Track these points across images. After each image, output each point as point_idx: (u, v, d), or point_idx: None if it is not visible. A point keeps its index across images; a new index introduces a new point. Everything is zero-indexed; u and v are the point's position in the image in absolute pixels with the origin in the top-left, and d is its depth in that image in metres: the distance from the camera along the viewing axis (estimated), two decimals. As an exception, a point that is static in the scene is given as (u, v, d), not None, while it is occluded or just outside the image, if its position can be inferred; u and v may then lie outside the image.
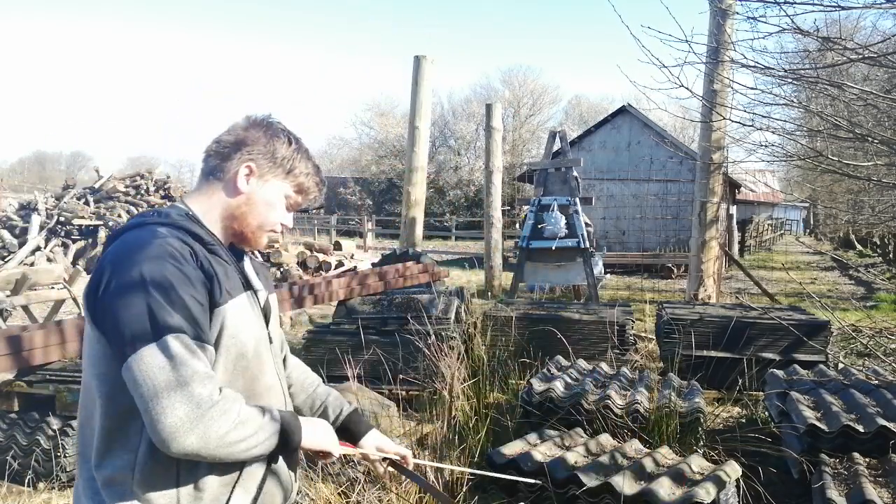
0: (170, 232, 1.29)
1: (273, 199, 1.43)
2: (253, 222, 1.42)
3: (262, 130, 1.42)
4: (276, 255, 13.14)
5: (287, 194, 1.45)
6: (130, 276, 1.20)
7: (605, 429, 3.66)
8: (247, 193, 1.41)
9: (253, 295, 1.44)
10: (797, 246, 30.88)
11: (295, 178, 1.45)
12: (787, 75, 4.24)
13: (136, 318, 1.18)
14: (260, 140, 1.41)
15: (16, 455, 3.65)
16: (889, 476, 2.97)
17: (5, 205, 16.67)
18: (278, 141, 1.42)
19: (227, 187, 1.40)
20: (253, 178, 1.41)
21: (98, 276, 1.25)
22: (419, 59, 10.90)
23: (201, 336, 1.23)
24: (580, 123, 41.63)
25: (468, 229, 31.69)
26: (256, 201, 1.41)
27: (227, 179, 1.40)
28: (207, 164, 1.42)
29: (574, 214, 9.92)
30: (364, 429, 1.68)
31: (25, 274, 7.35)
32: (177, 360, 1.17)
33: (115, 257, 1.25)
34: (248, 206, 1.41)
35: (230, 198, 1.40)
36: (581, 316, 5.97)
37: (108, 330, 1.21)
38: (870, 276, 16.14)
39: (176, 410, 1.14)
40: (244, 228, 1.42)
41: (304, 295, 5.20)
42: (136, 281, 1.20)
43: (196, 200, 1.42)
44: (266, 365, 1.42)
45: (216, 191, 1.41)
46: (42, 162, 65.66)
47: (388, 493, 3.02)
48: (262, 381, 1.40)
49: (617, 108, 20.95)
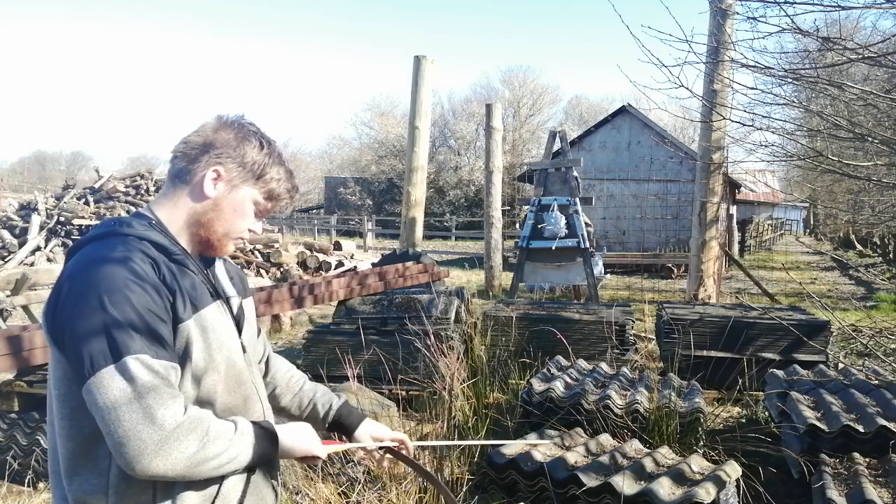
0: (130, 244, 1.24)
1: (241, 206, 1.36)
2: (220, 229, 1.35)
3: (232, 132, 1.34)
4: (276, 255, 13.15)
5: (256, 200, 1.37)
6: (88, 296, 1.15)
7: (605, 429, 3.66)
8: (214, 199, 1.33)
9: (224, 304, 1.38)
10: (797, 246, 30.88)
11: (266, 183, 1.37)
12: (787, 75, 4.25)
13: (93, 339, 1.13)
14: (230, 143, 1.33)
15: (16, 455, 3.65)
16: (889, 476, 2.97)
17: (5, 205, 16.67)
18: (249, 144, 1.35)
19: (194, 192, 1.33)
20: (221, 182, 1.33)
21: (55, 295, 1.20)
22: (419, 59, 10.90)
23: (162, 355, 1.18)
24: (580, 123, 41.62)
25: (468, 229, 31.70)
26: (224, 207, 1.34)
27: (193, 183, 1.33)
28: (174, 166, 1.35)
29: (574, 214, 9.92)
30: (356, 420, 1.63)
31: (25, 274, 7.35)
32: (137, 382, 1.12)
33: (72, 275, 1.20)
34: (215, 213, 1.34)
35: (196, 203, 1.33)
36: (581, 316, 5.97)
37: (68, 351, 1.17)
38: (870, 276, 16.14)
39: (139, 433, 1.10)
40: (210, 235, 1.35)
41: (304, 295, 5.20)
42: (93, 300, 1.15)
43: (162, 207, 1.35)
44: (242, 375, 1.37)
45: (182, 196, 1.34)
46: (42, 162, 65.70)
47: (387, 492, 3.02)
48: (238, 391, 1.36)
49: (617, 108, 20.96)
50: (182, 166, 1.34)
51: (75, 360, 1.15)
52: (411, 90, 11.03)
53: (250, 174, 1.35)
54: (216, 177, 1.33)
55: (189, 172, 1.33)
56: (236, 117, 1.39)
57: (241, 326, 1.43)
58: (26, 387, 3.74)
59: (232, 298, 1.43)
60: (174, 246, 1.31)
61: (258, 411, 1.41)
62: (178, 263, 1.29)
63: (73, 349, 1.15)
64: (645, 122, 19.30)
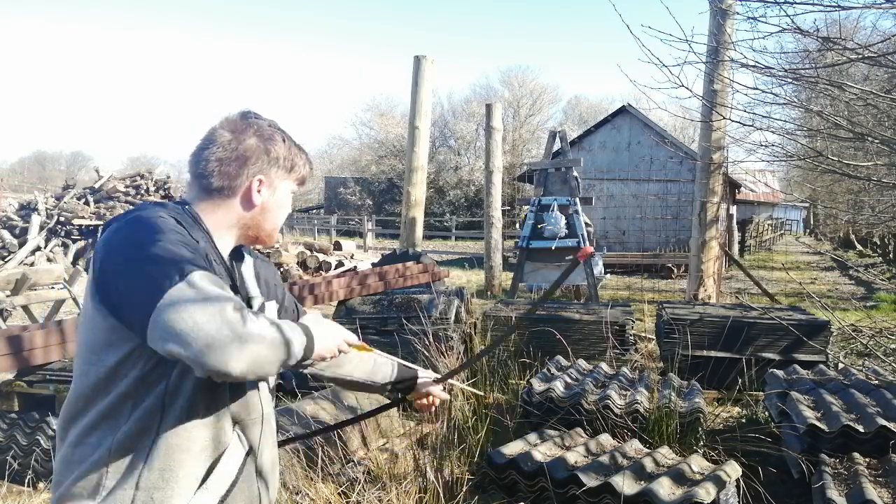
0: (168, 213, 1.29)
1: (285, 201, 1.47)
2: (268, 227, 1.45)
3: (255, 137, 1.39)
4: (276, 255, 13.14)
5: (293, 190, 1.49)
6: (138, 237, 1.19)
7: (605, 429, 3.66)
8: (261, 204, 1.42)
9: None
10: (797, 246, 30.88)
11: (297, 172, 1.47)
12: (787, 75, 4.25)
13: (152, 271, 1.13)
14: (259, 149, 1.40)
15: (16, 455, 3.65)
16: (889, 476, 2.97)
17: (5, 205, 16.66)
18: (274, 144, 1.41)
19: (241, 202, 1.40)
20: (264, 187, 1.41)
21: (103, 251, 1.22)
22: (419, 59, 10.90)
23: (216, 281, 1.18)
24: (580, 123, 41.61)
25: (468, 229, 31.69)
26: (271, 208, 1.44)
27: (239, 195, 1.39)
28: (210, 182, 1.37)
29: (574, 214, 9.92)
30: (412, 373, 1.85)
31: (25, 274, 7.35)
32: (205, 291, 1.12)
33: (116, 233, 1.24)
34: (264, 215, 1.43)
35: (245, 211, 1.41)
36: (581, 316, 5.97)
37: (123, 295, 1.17)
38: (870, 276, 16.13)
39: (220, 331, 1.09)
40: (259, 233, 1.44)
41: (305, 295, 5.20)
42: (144, 239, 1.18)
43: (199, 205, 1.39)
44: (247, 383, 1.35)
45: (224, 204, 1.39)
46: (42, 162, 65.67)
47: (387, 492, 3.02)
48: (241, 387, 1.35)
49: (617, 108, 20.96)
50: (222, 184, 1.37)
51: (137, 298, 1.13)
52: (411, 90, 11.03)
53: (284, 171, 1.44)
54: (260, 185, 1.41)
55: (231, 188, 1.39)
56: (245, 116, 1.42)
57: None
58: (26, 387, 3.74)
59: (253, 299, 1.45)
60: (203, 235, 1.33)
61: (256, 410, 1.41)
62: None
63: (130, 290, 1.15)
64: (645, 122, 19.30)
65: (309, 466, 3.16)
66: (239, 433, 1.35)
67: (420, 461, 3.37)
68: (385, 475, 3.24)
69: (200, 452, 1.28)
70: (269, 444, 1.44)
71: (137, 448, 1.23)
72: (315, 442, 3.29)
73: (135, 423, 1.23)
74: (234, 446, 1.33)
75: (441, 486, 2.86)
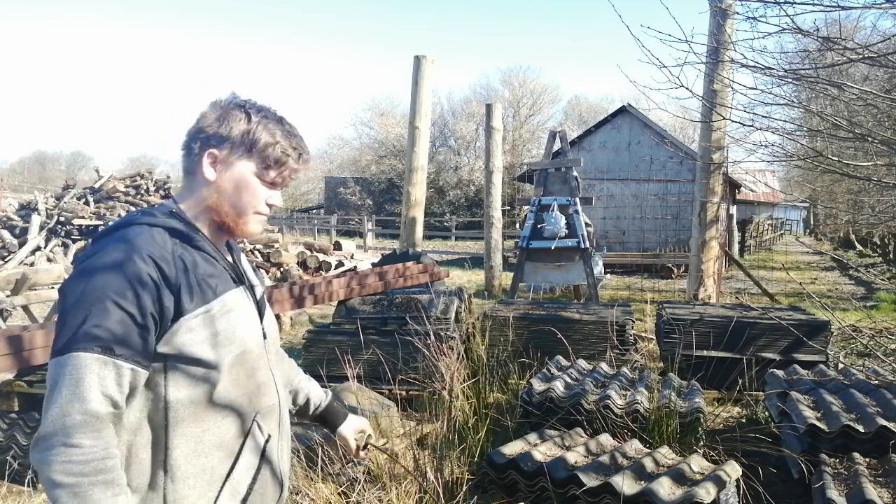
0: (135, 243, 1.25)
1: (241, 181, 1.36)
2: (227, 209, 1.37)
3: (216, 112, 1.36)
4: (276, 255, 13.13)
5: (257, 172, 1.37)
6: (81, 285, 1.21)
7: (605, 429, 3.66)
8: (215, 182, 1.36)
9: (247, 290, 1.43)
10: (797, 246, 30.87)
11: (260, 152, 1.36)
12: (787, 75, 4.24)
13: (69, 325, 1.18)
14: (213, 124, 1.35)
15: (16, 455, 3.65)
16: (889, 476, 2.97)
17: (5, 205, 16.66)
18: (233, 119, 1.35)
19: (199, 179, 1.37)
20: (218, 164, 1.36)
21: (66, 283, 1.26)
22: (419, 59, 10.89)
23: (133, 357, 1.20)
24: (580, 123, 41.62)
25: (468, 229, 31.68)
26: (225, 187, 1.35)
27: (197, 172, 1.36)
28: (183, 160, 1.40)
29: (574, 214, 9.91)
30: (342, 418, 1.79)
31: (25, 274, 7.35)
32: (82, 384, 1.15)
33: (81, 260, 1.27)
34: (219, 194, 1.36)
35: (203, 189, 1.36)
36: (581, 316, 5.97)
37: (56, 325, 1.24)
38: (870, 276, 16.13)
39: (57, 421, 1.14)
40: (223, 217, 1.37)
41: (304, 295, 5.19)
42: (85, 288, 1.20)
43: (181, 197, 1.40)
44: (260, 360, 1.41)
45: (193, 185, 1.38)
46: (42, 162, 65.64)
47: (387, 492, 3.02)
48: (256, 377, 1.39)
49: (617, 108, 20.94)
50: (186, 159, 1.39)
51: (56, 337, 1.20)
52: (411, 90, 11.03)
53: (242, 148, 1.36)
54: (212, 160, 1.36)
55: (192, 162, 1.37)
56: (227, 97, 1.40)
57: (262, 313, 1.47)
58: (26, 387, 3.74)
59: (256, 287, 1.48)
60: (193, 232, 1.34)
61: (272, 397, 1.44)
62: (197, 249, 1.32)
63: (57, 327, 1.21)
64: (645, 122, 19.29)
65: (309, 466, 3.16)
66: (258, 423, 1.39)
67: (420, 461, 3.38)
68: (385, 475, 3.24)
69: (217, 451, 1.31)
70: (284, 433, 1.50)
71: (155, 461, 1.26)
72: (315, 442, 3.29)
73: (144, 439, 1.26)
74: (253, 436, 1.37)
75: (441, 486, 2.86)
